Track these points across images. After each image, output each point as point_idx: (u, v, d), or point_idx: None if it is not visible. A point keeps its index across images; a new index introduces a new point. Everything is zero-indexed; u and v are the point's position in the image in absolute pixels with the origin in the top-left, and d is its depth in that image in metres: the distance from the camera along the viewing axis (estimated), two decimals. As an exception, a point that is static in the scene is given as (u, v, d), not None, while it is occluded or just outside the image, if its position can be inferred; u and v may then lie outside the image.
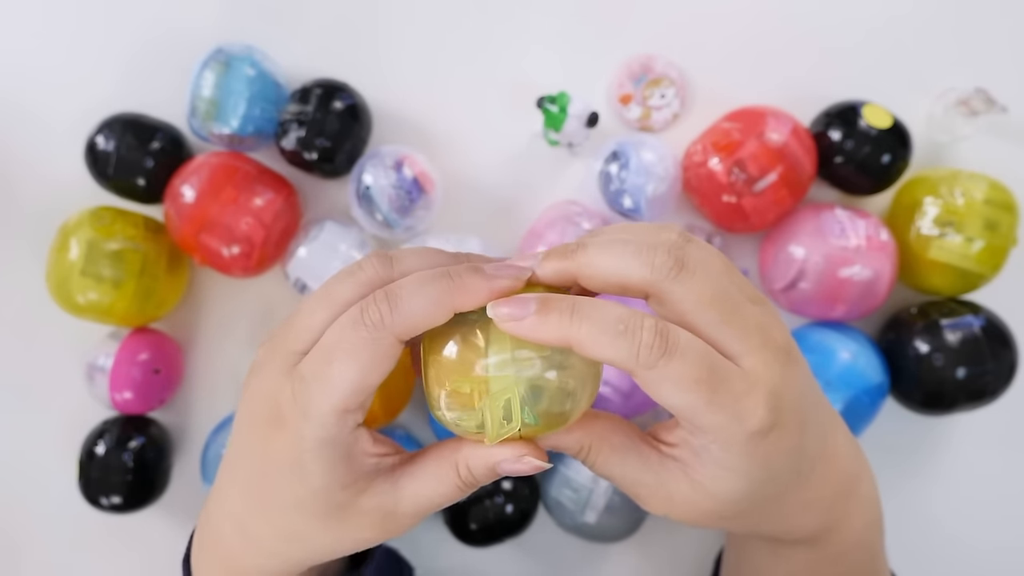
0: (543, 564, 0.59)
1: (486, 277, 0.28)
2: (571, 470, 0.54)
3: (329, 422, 0.29)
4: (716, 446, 0.28)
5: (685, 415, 0.28)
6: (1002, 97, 0.53)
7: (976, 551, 0.60)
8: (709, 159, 0.52)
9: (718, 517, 0.31)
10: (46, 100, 0.57)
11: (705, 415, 0.27)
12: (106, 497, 0.53)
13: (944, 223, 0.52)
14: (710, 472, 0.29)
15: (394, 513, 0.31)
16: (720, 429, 0.28)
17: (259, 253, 0.52)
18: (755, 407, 0.28)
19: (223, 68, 0.51)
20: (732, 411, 0.27)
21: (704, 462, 0.29)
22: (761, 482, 0.29)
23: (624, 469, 0.31)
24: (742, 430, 0.28)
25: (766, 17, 0.58)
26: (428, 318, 0.28)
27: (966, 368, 0.51)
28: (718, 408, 0.27)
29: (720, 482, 0.29)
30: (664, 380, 0.27)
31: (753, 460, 0.28)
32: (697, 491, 0.30)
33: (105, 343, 0.54)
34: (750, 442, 0.28)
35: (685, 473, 0.30)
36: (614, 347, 0.27)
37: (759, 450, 0.28)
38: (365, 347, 0.28)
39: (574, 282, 0.30)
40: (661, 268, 0.28)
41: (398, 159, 0.53)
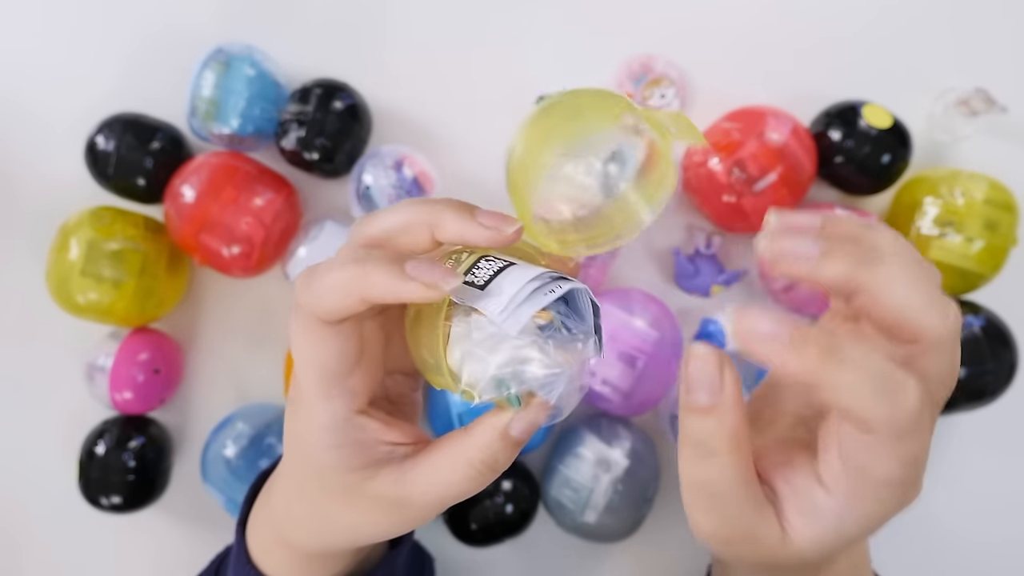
0: (543, 564, 0.59)
1: (401, 276, 0.26)
2: (571, 470, 0.54)
3: (318, 407, 0.29)
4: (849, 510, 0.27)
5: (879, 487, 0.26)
6: (1002, 97, 0.53)
7: (976, 550, 0.60)
8: (709, 159, 0.52)
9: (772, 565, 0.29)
10: (46, 99, 0.57)
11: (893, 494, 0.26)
12: (106, 497, 0.53)
13: (944, 223, 0.52)
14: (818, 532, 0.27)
15: (408, 503, 0.30)
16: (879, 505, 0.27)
17: (259, 253, 0.52)
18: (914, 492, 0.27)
19: (223, 68, 0.51)
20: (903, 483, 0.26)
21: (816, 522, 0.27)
22: (853, 543, 0.28)
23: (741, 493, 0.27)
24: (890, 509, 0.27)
25: (766, 17, 0.58)
26: (336, 304, 0.27)
27: (966, 368, 0.51)
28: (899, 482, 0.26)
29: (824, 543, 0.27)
30: (899, 455, 0.25)
31: (870, 526, 0.27)
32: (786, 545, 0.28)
33: (105, 343, 0.54)
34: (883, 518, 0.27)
35: (780, 522, 0.28)
36: (874, 403, 0.24)
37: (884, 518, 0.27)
38: (296, 329, 0.28)
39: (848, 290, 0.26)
40: (954, 329, 0.26)
41: (398, 159, 0.53)
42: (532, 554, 0.59)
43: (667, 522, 0.58)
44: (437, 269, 0.26)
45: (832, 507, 0.27)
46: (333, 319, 0.28)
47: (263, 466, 0.53)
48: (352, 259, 0.27)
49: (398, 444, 0.30)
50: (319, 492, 0.31)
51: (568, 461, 0.54)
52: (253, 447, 0.53)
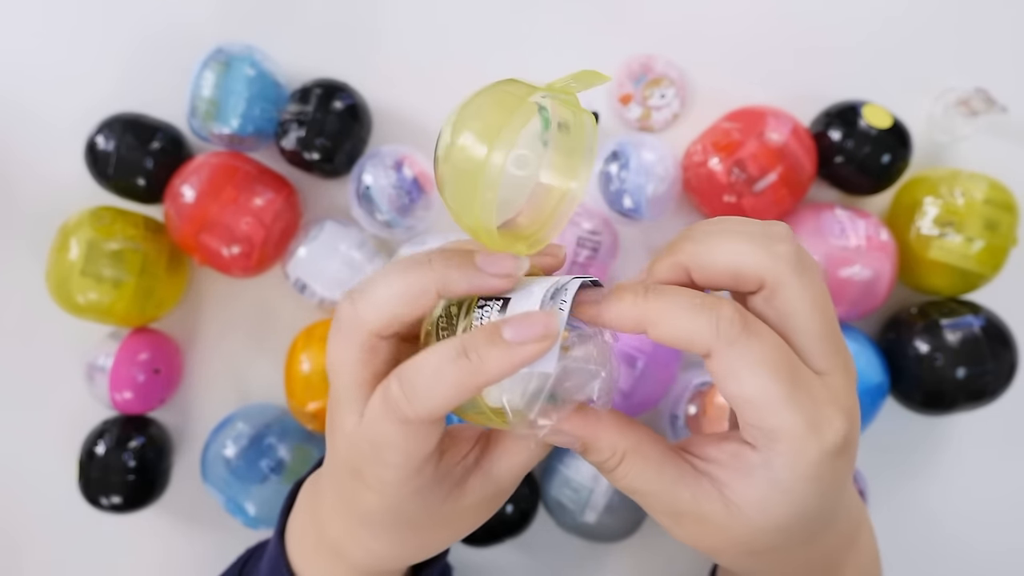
0: (543, 564, 0.59)
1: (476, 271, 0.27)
2: (571, 470, 0.54)
3: (402, 490, 0.29)
4: (782, 460, 0.26)
5: (759, 408, 0.25)
6: (1002, 97, 0.53)
7: (976, 550, 0.60)
8: (709, 159, 0.52)
9: (746, 551, 0.29)
10: (46, 99, 0.57)
11: (782, 412, 0.25)
12: (106, 497, 0.53)
13: (944, 223, 0.52)
14: (759, 494, 0.27)
15: (500, 491, 0.31)
16: (794, 435, 0.25)
17: (259, 253, 0.52)
18: (834, 417, 0.26)
19: (223, 68, 0.51)
20: (811, 415, 0.25)
21: (755, 482, 0.27)
22: (808, 516, 0.27)
23: (660, 483, 0.28)
24: (817, 443, 0.25)
25: (766, 17, 0.57)
26: (405, 310, 0.27)
27: (966, 368, 0.51)
28: (796, 407, 0.25)
29: (769, 507, 0.27)
30: (744, 359, 0.25)
31: (814, 485, 0.26)
32: (733, 514, 0.27)
33: (105, 343, 0.54)
34: (821, 461, 0.26)
35: (722, 494, 0.27)
36: (694, 321, 0.25)
37: (825, 474, 0.26)
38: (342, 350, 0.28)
39: (686, 276, 0.28)
40: (785, 258, 0.26)
41: (398, 159, 0.53)
42: (532, 554, 0.59)
43: (667, 522, 0.58)
44: (506, 259, 0.27)
45: (759, 460, 0.26)
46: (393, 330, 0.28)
47: (263, 466, 0.53)
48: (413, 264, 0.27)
49: (468, 455, 0.31)
50: (404, 528, 0.31)
51: (568, 461, 0.54)
52: (253, 447, 0.53)
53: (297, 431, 0.55)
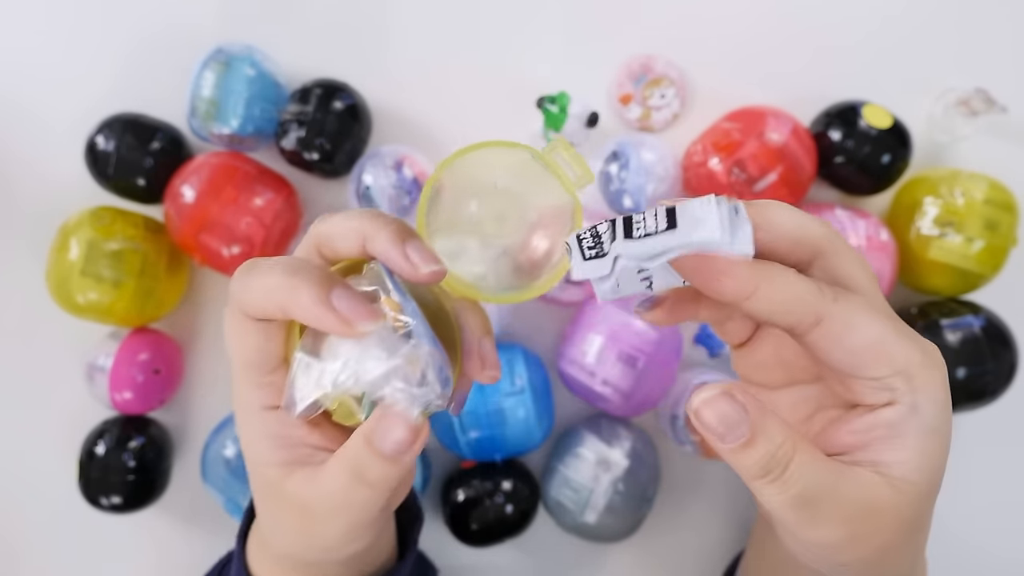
0: (543, 564, 0.59)
1: (324, 304, 0.26)
2: (571, 470, 0.54)
3: (238, 393, 0.30)
4: (923, 396, 0.25)
5: (884, 350, 0.25)
6: (1002, 97, 0.53)
7: (976, 550, 0.60)
8: (709, 159, 0.52)
9: (910, 529, 0.27)
10: (46, 99, 0.57)
11: (905, 346, 0.25)
12: (106, 497, 0.53)
13: (944, 223, 0.52)
14: (917, 449, 0.25)
15: (311, 510, 0.28)
16: (923, 365, 0.25)
17: (259, 253, 0.52)
18: (927, 341, 0.26)
19: (223, 68, 0.51)
20: (921, 344, 0.26)
21: (911, 437, 0.25)
22: (947, 454, 0.27)
23: (831, 479, 0.25)
24: (940, 368, 0.26)
25: (766, 17, 0.58)
26: (260, 305, 0.27)
27: (966, 368, 0.51)
28: (911, 339, 0.25)
29: (928, 460, 0.26)
30: (853, 310, 0.25)
31: (948, 414, 0.26)
32: (902, 490, 0.26)
33: (105, 343, 0.54)
34: (946, 385, 0.26)
35: (883, 475, 0.26)
36: (802, 286, 0.25)
37: (949, 400, 0.26)
38: (228, 316, 0.29)
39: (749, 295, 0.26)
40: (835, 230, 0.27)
41: (398, 159, 0.53)
42: (532, 554, 0.59)
43: (667, 522, 0.58)
44: (362, 307, 0.26)
45: (904, 411, 0.26)
46: (256, 317, 0.28)
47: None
48: (287, 268, 0.26)
49: (320, 448, 0.29)
50: (255, 489, 0.31)
51: (568, 461, 0.54)
52: (253, 447, 0.53)
53: (297, 431, 0.55)
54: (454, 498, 0.54)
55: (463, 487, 0.54)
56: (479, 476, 0.54)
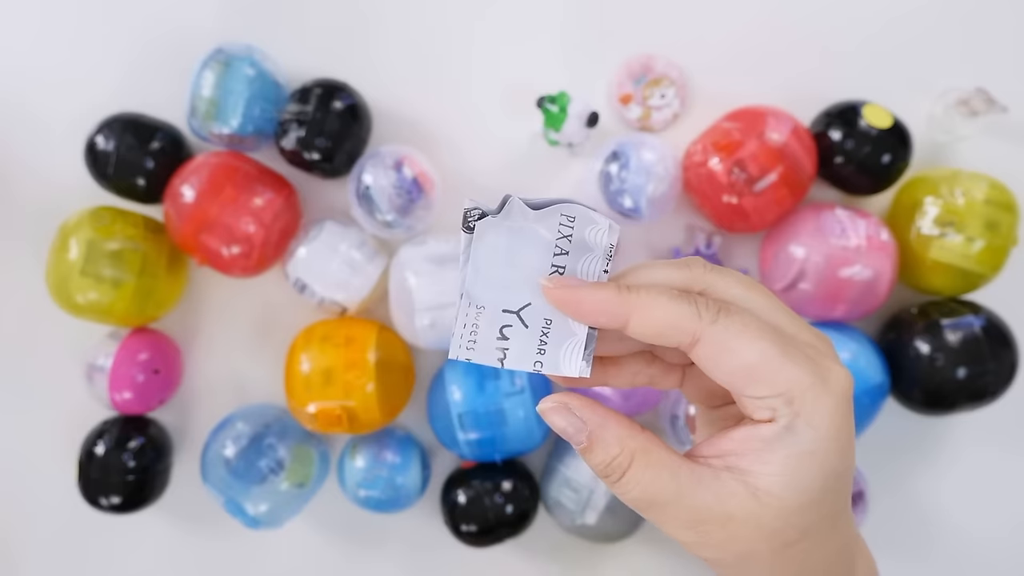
0: (543, 564, 0.59)
1: None
2: (571, 470, 0.54)
3: None
4: (800, 420, 0.26)
5: (763, 372, 0.25)
6: (1002, 97, 0.53)
7: (976, 550, 0.60)
8: (709, 159, 0.52)
9: (781, 543, 0.27)
10: (46, 100, 0.57)
11: (786, 368, 0.25)
12: (106, 497, 0.53)
13: (944, 223, 0.52)
14: (787, 467, 0.26)
15: None
16: (804, 388, 0.25)
17: (259, 253, 0.52)
18: (832, 366, 0.26)
19: (223, 68, 0.51)
20: (813, 367, 0.26)
21: (779, 455, 0.26)
22: (834, 477, 0.26)
23: (676, 487, 0.26)
24: (828, 392, 0.26)
25: (766, 17, 0.57)
26: None
27: (966, 368, 0.51)
28: (797, 362, 0.25)
29: (798, 479, 0.26)
30: (732, 331, 0.25)
31: (835, 440, 0.26)
32: (762, 501, 0.26)
33: (105, 343, 0.54)
34: (836, 410, 0.26)
35: (747, 484, 0.26)
36: (677, 309, 0.25)
37: (842, 425, 0.26)
38: None
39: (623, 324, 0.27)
40: (706, 315, 0.26)
41: (398, 159, 0.53)
42: (532, 554, 0.59)
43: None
44: None
45: (778, 430, 0.26)
46: None
47: (262, 466, 0.53)
48: None
49: None
50: None
51: (568, 461, 0.54)
52: (253, 447, 0.53)
53: (297, 431, 0.55)
54: (454, 498, 0.54)
55: (463, 487, 0.54)
56: (479, 476, 0.54)
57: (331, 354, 0.52)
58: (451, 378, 0.53)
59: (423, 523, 0.58)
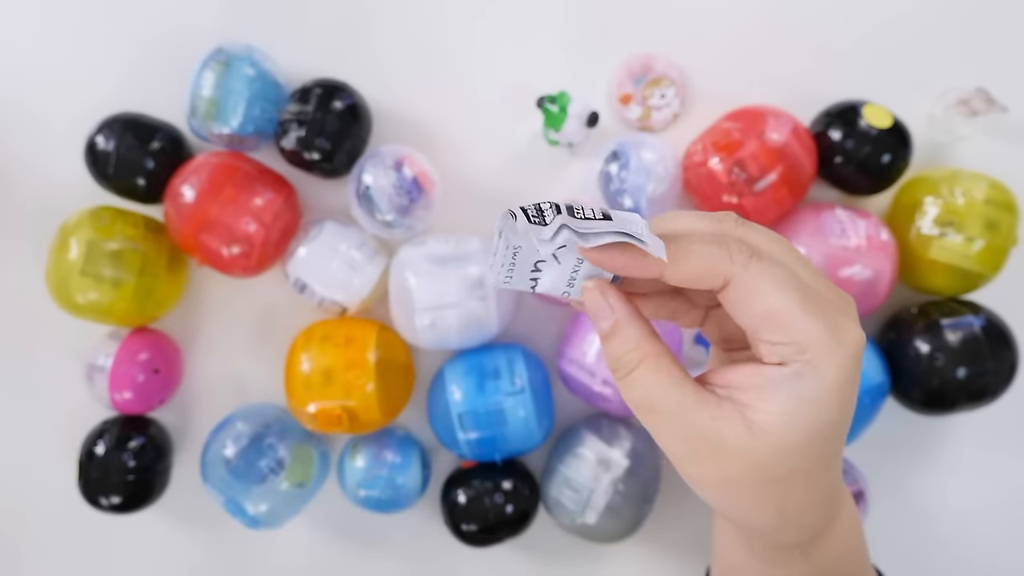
0: (543, 564, 0.59)
1: None
2: (571, 470, 0.54)
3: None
4: (809, 369, 0.26)
5: (783, 320, 0.26)
6: (1002, 97, 0.53)
7: (975, 550, 0.60)
8: (709, 159, 0.52)
9: (764, 477, 0.28)
10: (46, 100, 0.57)
11: (805, 320, 0.26)
12: (106, 497, 0.53)
13: (944, 223, 0.52)
14: (786, 408, 0.27)
15: None
16: (819, 343, 0.26)
17: (259, 253, 0.52)
18: (850, 326, 0.27)
19: (223, 68, 0.51)
20: (830, 323, 0.26)
21: (781, 397, 0.27)
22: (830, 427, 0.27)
23: (676, 398, 0.28)
24: (840, 349, 0.26)
25: (766, 17, 0.58)
26: None
27: (966, 368, 0.51)
28: (816, 316, 0.26)
29: (795, 421, 0.27)
30: (762, 277, 0.26)
31: (837, 393, 0.27)
32: (756, 435, 0.27)
33: (105, 343, 0.54)
34: (844, 367, 0.27)
35: (744, 416, 0.27)
36: (709, 255, 0.26)
37: (846, 382, 0.27)
38: None
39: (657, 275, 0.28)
40: (738, 259, 0.27)
41: (398, 159, 0.53)
42: (532, 554, 0.59)
43: (667, 522, 0.58)
44: None
45: (786, 374, 0.27)
46: None
47: (263, 466, 0.53)
48: None
49: None
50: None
51: (568, 461, 0.54)
52: (253, 447, 0.53)
53: (297, 431, 0.55)
54: (454, 498, 0.54)
55: (463, 487, 0.54)
56: (479, 476, 0.54)
57: (331, 354, 0.52)
58: (451, 378, 0.53)
59: (423, 523, 0.58)
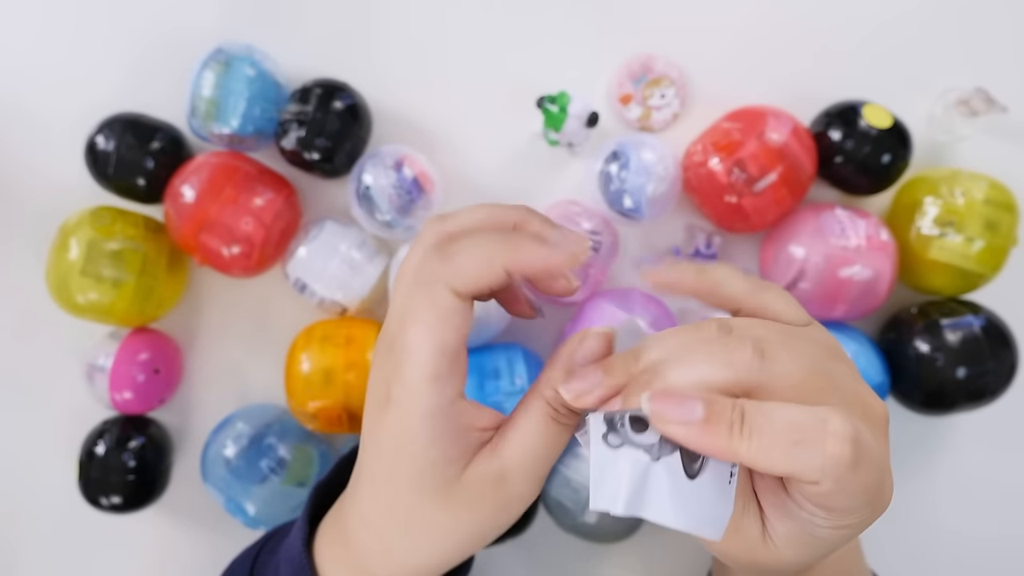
0: (543, 564, 0.59)
1: (544, 244, 0.28)
2: (571, 470, 0.54)
3: (424, 391, 0.28)
4: (825, 521, 0.27)
5: (828, 502, 0.26)
6: (1002, 97, 0.53)
7: (976, 551, 0.60)
8: (709, 159, 0.52)
9: (761, 569, 0.30)
10: (46, 100, 0.57)
11: (850, 512, 0.26)
12: (106, 497, 0.53)
13: (944, 223, 0.52)
14: (796, 539, 0.28)
15: (503, 478, 0.29)
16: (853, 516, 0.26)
17: (259, 253, 0.52)
18: (885, 495, 0.28)
19: (223, 68, 0.51)
20: (868, 505, 0.26)
21: (794, 528, 0.27)
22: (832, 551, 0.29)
23: None
24: (870, 513, 0.27)
25: (766, 17, 0.58)
26: (481, 272, 0.27)
27: (966, 368, 0.51)
28: (861, 507, 0.26)
29: (801, 550, 0.28)
30: (846, 490, 0.25)
31: (847, 534, 0.27)
32: (767, 546, 0.28)
33: (105, 343, 0.54)
34: (863, 521, 0.27)
35: (763, 522, 0.28)
36: (794, 463, 0.24)
37: (859, 524, 0.27)
38: (424, 304, 0.28)
39: None
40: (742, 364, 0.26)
41: (398, 159, 0.53)
42: (532, 554, 0.59)
43: (667, 522, 0.58)
44: (576, 235, 0.28)
45: (804, 514, 0.27)
46: (471, 292, 0.28)
47: (263, 466, 0.53)
48: (495, 233, 0.28)
49: (487, 429, 0.30)
50: (413, 497, 0.30)
51: (568, 461, 0.54)
52: (253, 447, 0.53)
53: (297, 431, 0.55)
54: (454, 498, 0.54)
55: (463, 487, 0.54)
56: (479, 476, 0.54)
57: (331, 354, 0.52)
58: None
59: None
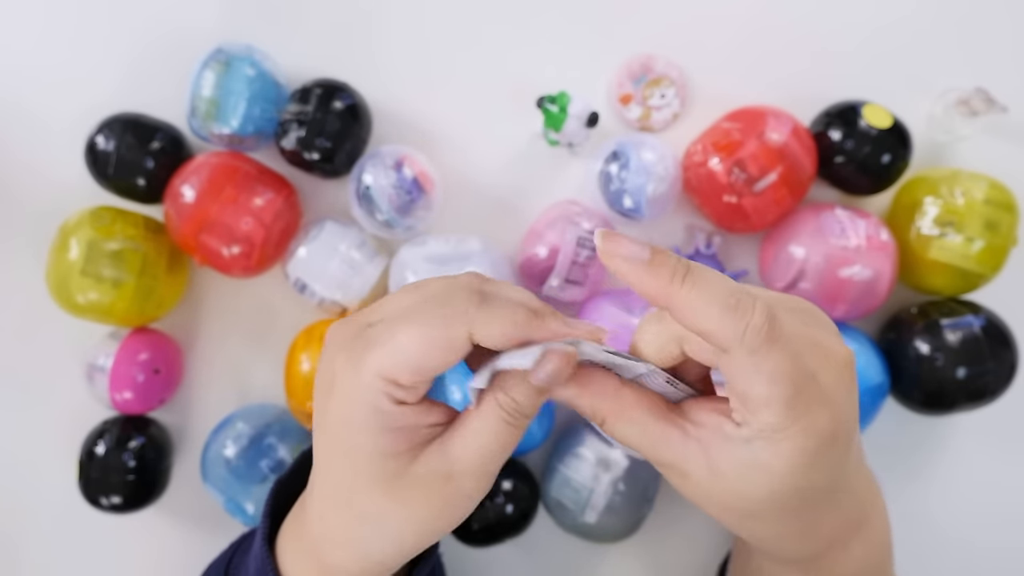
0: (543, 564, 0.59)
1: (564, 324, 0.29)
2: (571, 470, 0.54)
3: (374, 384, 0.28)
4: (762, 444, 0.27)
5: (758, 408, 0.27)
6: (1002, 97, 0.53)
7: (976, 551, 0.60)
8: (709, 159, 0.52)
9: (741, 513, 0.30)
10: (46, 100, 0.57)
11: (779, 414, 0.27)
12: (106, 497, 0.53)
13: (944, 223, 0.52)
14: (739, 465, 0.28)
15: (451, 475, 0.30)
16: (781, 431, 0.27)
17: (259, 253, 0.52)
18: (826, 423, 0.27)
19: (223, 68, 0.51)
20: (806, 420, 0.27)
21: (735, 455, 0.28)
22: (794, 494, 0.28)
23: (642, 442, 0.30)
24: (802, 438, 0.27)
25: (766, 17, 0.58)
26: (504, 332, 0.28)
27: (966, 368, 0.51)
28: (795, 414, 0.27)
29: (750, 479, 0.28)
30: (760, 368, 0.26)
31: (798, 470, 0.27)
32: (717, 480, 0.29)
33: (105, 343, 0.54)
34: (805, 451, 0.27)
35: (707, 457, 0.29)
36: (721, 321, 0.26)
37: (809, 462, 0.27)
38: (439, 324, 0.28)
39: None
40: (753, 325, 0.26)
41: (398, 159, 0.53)
42: (532, 554, 0.59)
43: (668, 522, 0.58)
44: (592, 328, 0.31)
45: (742, 436, 0.28)
46: (485, 343, 0.28)
47: (263, 466, 0.53)
48: (528, 305, 0.29)
49: (436, 425, 0.30)
50: (362, 488, 0.30)
51: (568, 461, 0.54)
52: (253, 447, 0.53)
53: (297, 431, 0.55)
54: (454, 498, 0.54)
55: (463, 487, 0.54)
56: (479, 476, 0.54)
57: (331, 354, 0.52)
58: (451, 378, 0.53)
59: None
